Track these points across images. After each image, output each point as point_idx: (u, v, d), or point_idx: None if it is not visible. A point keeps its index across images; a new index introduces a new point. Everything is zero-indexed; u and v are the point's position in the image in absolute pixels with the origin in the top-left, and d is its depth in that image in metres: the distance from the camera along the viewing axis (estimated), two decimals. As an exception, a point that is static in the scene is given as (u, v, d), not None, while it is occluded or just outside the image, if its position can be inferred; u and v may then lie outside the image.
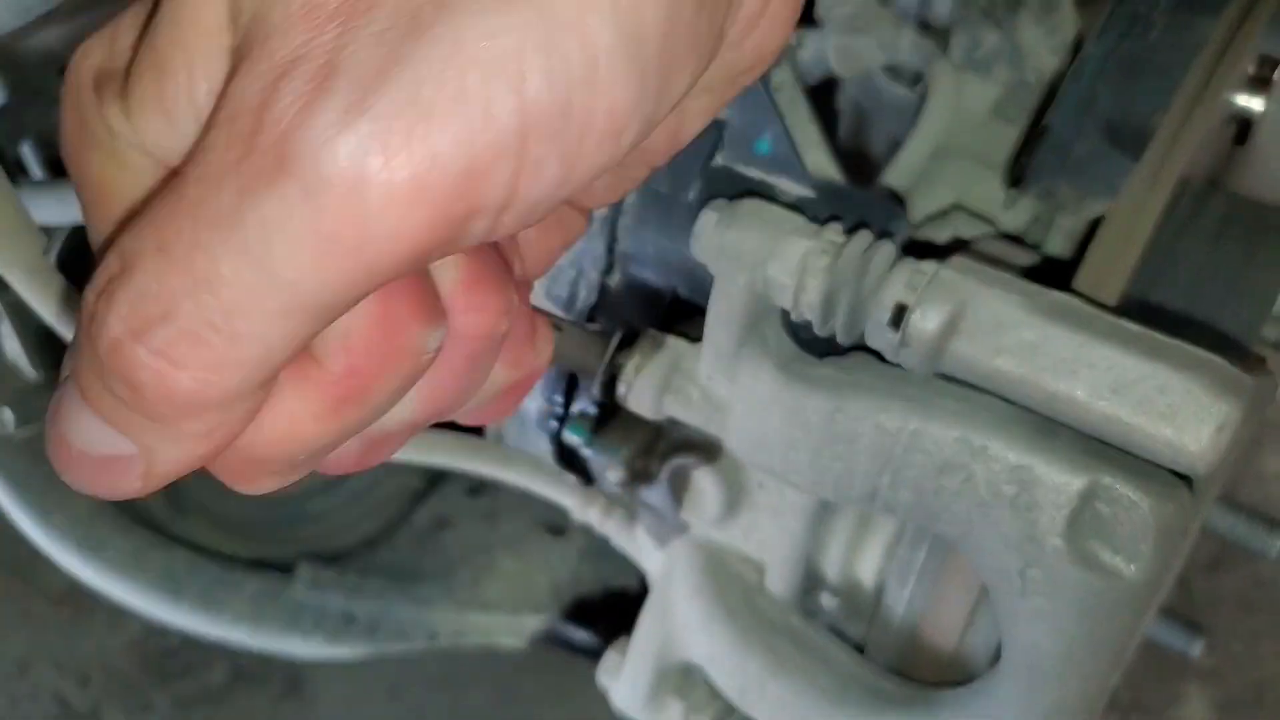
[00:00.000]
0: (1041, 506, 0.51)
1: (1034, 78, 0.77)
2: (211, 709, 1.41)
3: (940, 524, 0.55)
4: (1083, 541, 0.51)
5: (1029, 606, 0.53)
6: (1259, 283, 0.63)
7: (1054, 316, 0.50)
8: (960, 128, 0.78)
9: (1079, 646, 0.53)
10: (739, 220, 0.56)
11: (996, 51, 0.78)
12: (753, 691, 0.66)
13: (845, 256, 0.54)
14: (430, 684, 1.44)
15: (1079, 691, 0.55)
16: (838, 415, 0.56)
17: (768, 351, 0.59)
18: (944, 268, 0.53)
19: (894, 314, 0.52)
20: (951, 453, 0.53)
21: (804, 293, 0.55)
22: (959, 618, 0.63)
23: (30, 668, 1.37)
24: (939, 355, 0.52)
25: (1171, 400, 0.48)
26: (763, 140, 0.62)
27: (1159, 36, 0.63)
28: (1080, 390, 0.49)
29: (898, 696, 0.63)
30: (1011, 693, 0.57)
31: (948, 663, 0.64)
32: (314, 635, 1.15)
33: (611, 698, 0.75)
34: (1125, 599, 0.51)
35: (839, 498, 0.58)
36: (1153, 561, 0.50)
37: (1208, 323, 0.62)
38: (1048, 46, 0.77)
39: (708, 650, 0.67)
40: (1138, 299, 0.64)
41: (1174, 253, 0.64)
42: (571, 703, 1.46)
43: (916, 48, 0.79)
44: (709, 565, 0.67)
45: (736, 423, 0.60)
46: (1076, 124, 0.63)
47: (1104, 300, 0.58)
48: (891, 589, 0.64)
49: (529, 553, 1.24)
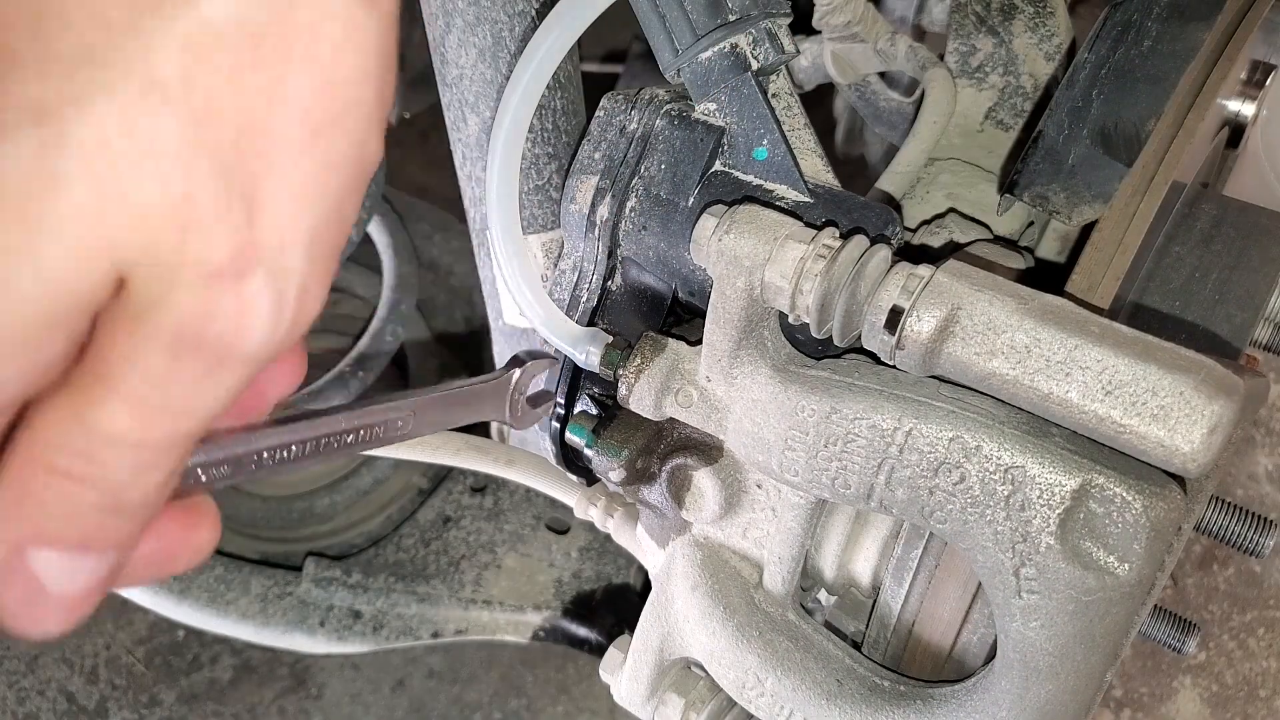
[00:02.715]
0: (1035, 506, 0.51)
1: (1028, 85, 0.78)
2: (218, 704, 1.42)
3: (935, 523, 0.55)
4: (1076, 541, 0.51)
5: (1023, 605, 0.53)
6: (1250, 285, 0.63)
7: (1047, 319, 0.51)
8: (955, 134, 0.78)
9: (1073, 644, 0.54)
10: (737, 225, 0.57)
11: (991, 59, 0.79)
12: (751, 687, 0.66)
13: (841, 261, 0.54)
14: (434, 679, 1.45)
15: (1073, 688, 0.56)
16: (834, 416, 0.56)
17: (765, 353, 0.60)
18: (938, 272, 0.53)
19: (889, 317, 0.53)
20: (946, 453, 0.53)
21: (801, 296, 0.55)
22: (955, 615, 0.63)
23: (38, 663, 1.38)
24: (934, 357, 0.53)
25: (1164, 402, 0.48)
26: (760, 147, 0.62)
27: (1152, 44, 0.63)
28: (1073, 392, 0.49)
29: (894, 693, 0.63)
30: (1006, 689, 0.57)
31: (944, 659, 0.64)
32: (320, 631, 1.16)
33: (613, 693, 0.76)
34: (1118, 597, 0.52)
35: (836, 497, 0.58)
36: (1146, 560, 0.50)
37: (1199, 325, 0.63)
38: (1041, 54, 0.77)
39: (707, 646, 0.68)
40: (1130, 302, 0.64)
41: (1166, 256, 0.65)
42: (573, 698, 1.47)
43: (912, 55, 0.79)
44: (708, 563, 0.67)
45: (735, 423, 0.61)
46: (1070, 130, 0.63)
47: (1096, 303, 0.59)
48: (888, 586, 0.65)
49: (532, 550, 1.25)
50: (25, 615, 0.33)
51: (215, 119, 0.29)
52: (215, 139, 0.29)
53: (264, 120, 0.30)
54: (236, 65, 0.29)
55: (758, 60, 0.62)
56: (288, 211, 0.31)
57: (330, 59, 0.31)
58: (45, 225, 0.28)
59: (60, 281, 0.28)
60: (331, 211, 0.32)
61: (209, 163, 0.29)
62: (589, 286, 0.68)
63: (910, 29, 0.91)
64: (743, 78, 0.62)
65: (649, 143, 0.65)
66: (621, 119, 0.66)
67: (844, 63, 0.83)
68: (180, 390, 0.31)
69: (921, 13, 0.90)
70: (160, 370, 0.30)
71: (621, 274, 0.68)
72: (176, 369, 0.31)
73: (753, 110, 0.62)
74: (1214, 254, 0.64)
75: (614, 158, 0.66)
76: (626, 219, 0.66)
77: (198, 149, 0.29)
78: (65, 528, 0.32)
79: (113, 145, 0.28)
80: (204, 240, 0.30)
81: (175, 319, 0.30)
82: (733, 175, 0.63)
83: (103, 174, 0.28)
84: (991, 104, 0.78)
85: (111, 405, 0.30)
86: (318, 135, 0.31)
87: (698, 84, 0.63)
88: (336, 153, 0.32)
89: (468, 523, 1.26)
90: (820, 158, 0.65)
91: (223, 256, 0.30)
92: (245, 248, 0.30)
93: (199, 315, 0.30)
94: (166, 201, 0.29)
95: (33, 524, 0.32)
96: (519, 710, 1.46)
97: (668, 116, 0.65)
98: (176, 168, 0.29)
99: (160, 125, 0.28)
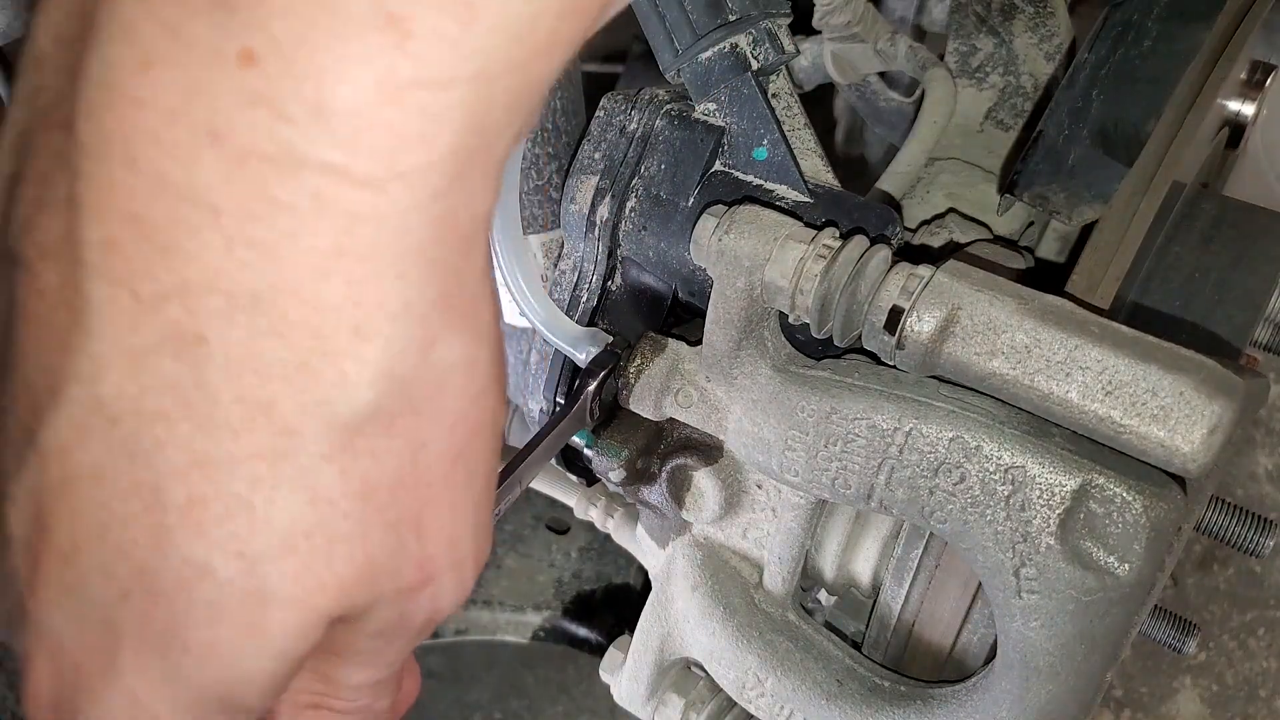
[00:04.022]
0: (1035, 506, 0.51)
1: (1028, 84, 0.78)
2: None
3: (935, 523, 0.55)
4: (1076, 541, 0.51)
5: (1023, 605, 0.53)
6: (1250, 285, 0.63)
7: (1047, 319, 0.51)
8: (955, 134, 0.78)
9: (1073, 644, 0.54)
10: (737, 225, 0.57)
11: (991, 59, 0.79)
12: (751, 687, 0.66)
13: (841, 261, 0.54)
14: (434, 679, 1.45)
15: (1073, 688, 0.56)
16: (834, 416, 0.56)
17: (765, 353, 0.60)
18: (938, 272, 0.53)
19: (889, 318, 0.53)
20: (946, 453, 0.53)
21: (801, 296, 0.55)
22: (955, 615, 0.63)
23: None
24: (934, 358, 0.53)
25: (1164, 402, 0.48)
26: (760, 147, 0.62)
27: (1152, 44, 0.63)
28: (1073, 392, 0.49)
29: (894, 693, 0.63)
30: (1006, 689, 0.57)
31: (944, 659, 0.64)
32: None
33: (613, 693, 0.76)
34: (1118, 597, 0.52)
35: (836, 497, 0.58)
36: (1145, 561, 0.50)
37: (1199, 325, 0.63)
38: (1042, 53, 0.77)
39: (707, 646, 0.68)
40: (1130, 302, 0.64)
41: (1166, 256, 0.65)
42: (573, 698, 1.47)
43: (912, 55, 0.79)
44: (708, 563, 0.67)
45: (735, 423, 0.61)
46: (1070, 130, 0.63)
47: (1096, 303, 0.59)
48: (888, 587, 0.65)
49: (532, 550, 1.25)
50: None
51: (372, 491, 0.33)
52: (377, 505, 0.34)
53: (411, 472, 0.34)
54: (376, 444, 0.33)
55: (758, 60, 0.62)
56: (449, 521, 0.36)
57: (455, 402, 0.34)
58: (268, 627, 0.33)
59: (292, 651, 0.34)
60: (483, 493, 0.38)
61: (378, 526, 0.34)
62: (589, 286, 0.68)
63: (910, 29, 0.91)
64: (743, 78, 0.62)
65: (649, 143, 0.65)
66: (621, 119, 0.66)
67: (844, 63, 0.83)
68: (396, 651, 0.39)
69: (921, 13, 0.90)
70: (379, 647, 0.38)
71: (621, 274, 0.68)
72: (390, 645, 0.38)
73: (753, 110, 0.62)
74: (1214, 254, 0.64)
75: (614, 158, 0.66)
76: (626, 219, 0.66)
77: (366, 523, 0.33)
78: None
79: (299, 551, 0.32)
80: (391, 576, 0.35)
81: (382, 624, 0.37)
82: (733, 175, 0.63)
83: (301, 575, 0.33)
84: (991, 104, 0.78)
85: (347, 669, 0.39)
86: (458, 460, 0.36)
87: (698, 84, 0.63)
88: (477, 459, 0.36)
89: (468, 523, 1.26)
90: (820, 158, 0.65)
91: (410, 579, 0.36)
92: (424, 564, 0.36)
93: (400, 616, 0.37)
94: (355, 569, 0.34)
95: None
96: (519, 710, 1.46)
97: (668, 116, 0.65)
98: (355, 543, 0.33)
99: (332, 520, 0.33)
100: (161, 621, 0.32)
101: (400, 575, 0.35)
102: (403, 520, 0.35)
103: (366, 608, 0.35)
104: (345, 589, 0.34)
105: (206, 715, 0.34)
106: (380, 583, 0.35)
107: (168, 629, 0.33)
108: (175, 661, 0.33)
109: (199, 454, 0.31)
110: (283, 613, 0.33)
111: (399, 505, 0.34)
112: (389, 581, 0.35)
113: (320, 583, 0.33)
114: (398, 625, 0.37)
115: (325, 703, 0.39)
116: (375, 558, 0.34)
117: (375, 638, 0.37)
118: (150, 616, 0.32)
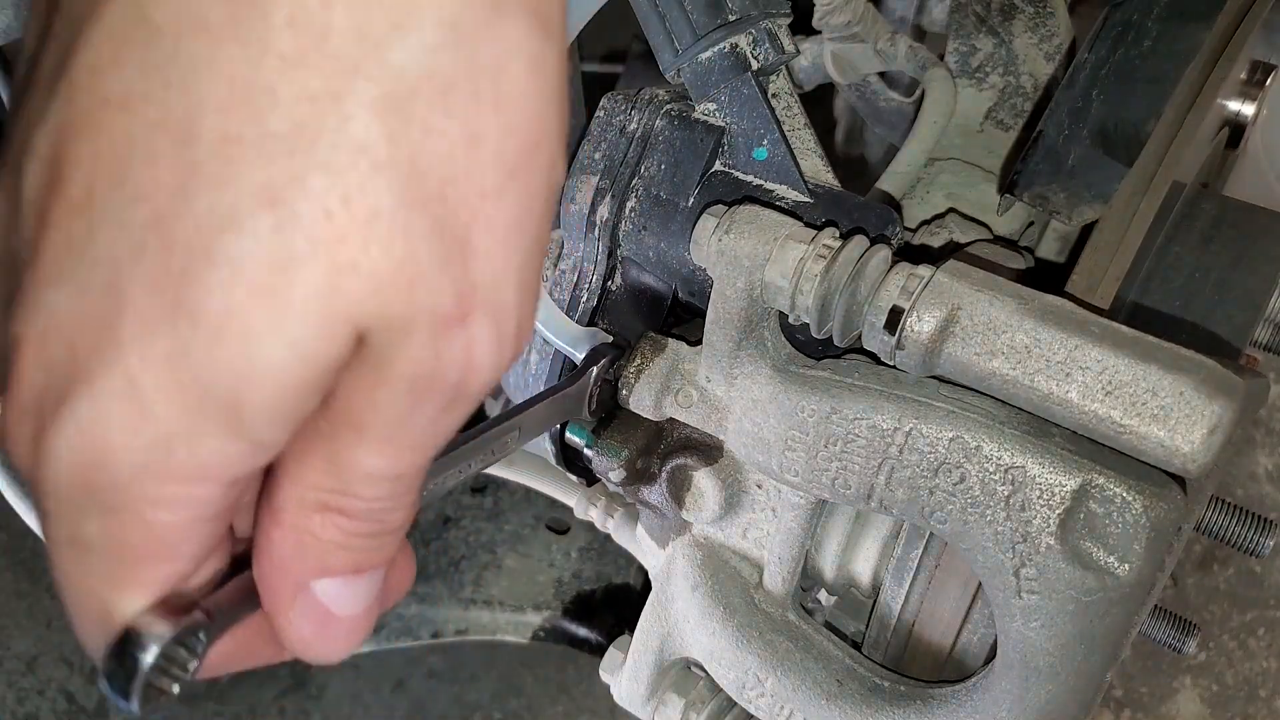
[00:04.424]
0: (1035, 506, 0.52)
1: (1028, 85, 0.78)
2: (218, 703, 1.42)
3: (935, 523, 0.55)
4: (1076, 541, 0.51)
5: (1023, 605, 0.53)
6: (1250, 285, 0.63)
7: (1047, 319, 0.51)
8: (955, 134, 0.78)
9: (1073, 644, 0.54)
10: (737, 225, 0.57)
11: (991, 59, 0.79)
12: (751, 687, 0.66)
13: (841, 261, 0.54)
14: (434, 679, 1.45)
15: (1073, 688, 0.56)
16: (834, 416, 0.56)
17: (765, 353, 0.60)
18: (938, 272, 0.53)
19: (889, 318, 0.53)
20: (946, 453, 0.53)
21: (801, 296, 0.55)
22: (955, 615, 0.63)
23: (38, 663, 1.38)
24: (934, 358, 0.53)
25: (1164, 402, 0.48)
26: (760, 147, 0.62)
27: (1152, 44, 0.63)
28: (1073, 392, 0.49)
29: (894, 693, 0.63)
30: (1006, 689, 0.57)
31: (944, 659, 0.64)
32: (319, 632, 1.16)
33: (613, 693, 0.76)
34: (1118, 597, 0.52)
35: (836, 497, 0.58)
36: (1145, 561, 0.50)
37: (1199, 325, 0.63)
38: (1042, 54, 0.77)
39: (707, 646, 0.68)
40: (1130, 302, 0.64)
41: (1166, 256, 0.65)
42: (573, 698, 1.47)
43: (912, 55, 0.79)
44: (708, 563, 0.67)
45: (735, 423, 0.61)
46: (1070, 130, 0.64)
47: (1096, 303, 0.59)
48: (888, 587, 0.65)
49: (532, 550, 1.25)
50: (319, 642, 0.37)
51: (420, 175, 0.30)
52: (424, 194, 0.31)
53: (464, 169, 0.31)
54: (430, 117, 0.30)
55: (758, 60, 0.62)
56: (499, 253, 0.33)
57: (517, 97, 0.32)
58: (290, 303, 0.30)
59: (311, 352, 0.30)
60: (534, 243, 0.34)
61: (423, 219, 0.31)
62: (589, 286, 0.68)
63: (910, 29, 0.91)
64: (743, 78, 0.62)
65: (649, 143, 0.65)
66: (621, 119, 0.66)
67: (844, 63, 0.83)
68: (420, 428, 0.34)
69: (921, 13, 0.90)
70: (402, 413, 0.33)
71: (621, 274, 0.68)
72: (416, 411, 0.33)
73: (753, 110, 0.62)
74: (1214, 254, 0.64)
75: (614, 158, 0.66)
76: (626, 219, 0.66)
77: (411, 208, 0.30)
78: (343, 558, 0.36)
79: (336, 218, 0.30)
80: (430, 292, 0.31)
81: (412, 367, 0.32)
82: (733, 175, 0.63)
83: (333, 247, 0.30)
84: (991, 104, 0.78)
85: (364, 448, 0.34)
86: (514, 175, 0.32)
87: (698, 84, 0.63)
88: (533, 187, 0.33)
89: (468, 523, 1.26)
90: (820, 158, 0.65)
91: (448, 304, 0.32)
92: (466, 293, 0.32)
93: (432, 360, 0.32)
94: (392, 263, 0.30)
95: (316, 560, 0.36)
96: (519, 710, 1.46)
97: (668, 116, 0.65)
98: (396, 230, 0.30)
99: (374, 190, 0.30)
100: (174, 283, 0.29)
101: (438, 295, 0.32)
102: (448, 227, 0.31)
103: (399, 330, 0.31)
104: (380, 284, 0.30)
105: (208, 418, 0.31)
106: (417, 296, 0.31)
107: (179, 293, 0.29)
108: (184, 338, 0.29)
109: (241, 85, 0.28)
110: (307, 287, 0.29)
111: (447, 205, 0.31)
112: (426, 297, 0.31)
113: (353, 261, 0.30)
114: (428, 376, 0.33)
115: (336, 502, 0.35)
116: (416, 258, 0.31)
117: (399, 393, 0.33)
118: (162, 277, 0.29)
